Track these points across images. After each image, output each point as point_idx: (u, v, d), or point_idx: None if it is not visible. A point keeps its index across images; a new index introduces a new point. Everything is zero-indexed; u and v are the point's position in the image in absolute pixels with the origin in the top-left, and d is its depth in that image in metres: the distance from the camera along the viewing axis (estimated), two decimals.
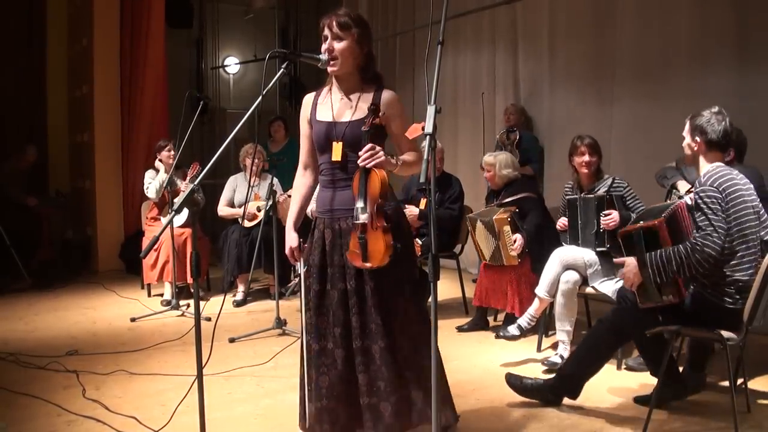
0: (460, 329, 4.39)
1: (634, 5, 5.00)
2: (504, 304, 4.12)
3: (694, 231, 2.64)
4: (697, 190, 2.66)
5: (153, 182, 5.31)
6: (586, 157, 3.66)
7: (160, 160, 5.41)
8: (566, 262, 3.65)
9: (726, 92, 4.31)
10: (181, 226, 5.25)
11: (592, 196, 3.66)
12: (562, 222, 3.89)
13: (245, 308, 5.10)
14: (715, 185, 2.61)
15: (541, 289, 3.69)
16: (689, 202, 2.81)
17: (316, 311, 2.38)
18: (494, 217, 4.03)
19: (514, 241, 3.98)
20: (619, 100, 5.17)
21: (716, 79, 4.46)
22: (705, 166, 2.73)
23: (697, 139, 2.71)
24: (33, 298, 5.37)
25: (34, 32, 7.10)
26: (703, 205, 2.60)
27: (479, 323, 4.41)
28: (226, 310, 4.91)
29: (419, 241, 4.42)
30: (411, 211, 4.66)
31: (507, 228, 3.99)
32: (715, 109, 2.73)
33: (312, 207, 5.21)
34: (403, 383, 2.33)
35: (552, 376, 3.13)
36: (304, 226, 2.46)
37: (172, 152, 5.27)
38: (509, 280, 4.08)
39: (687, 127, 2.77)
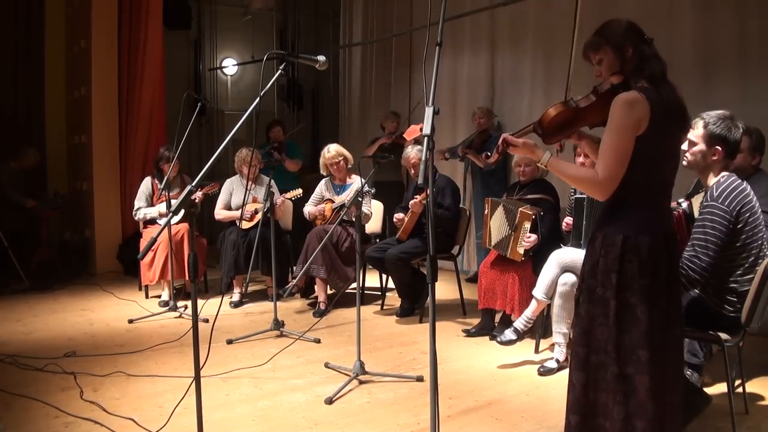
0: (468, 333, 4.32)
1: (636, 11, 5.00)
2: (503, 304, 4.10)
3: (687, 248, 2.54)
4: (706, 204, 2.52)
5: (143, 209, 5.40)
6: (581, 158, 3.67)
7: (162, 169, 5.39)
8: (564, 264, 3.64)
9: (729, 100, 4.29)
10: (179, 222, 5.25)
11: None
12: (567, 221, 3.89)
13: (243, 310, 5.10)
14: (726, 203, 2.48)
15: (539, 291, 3.68)
16: (687, 211, 2.80)
17: None
18: (520, 209, 4.00)
19: (528, 237, 3.94)
20: None
21: (719, 86, 4.45)
22: (714, 176, 2.57)
23: (718, 147, 2.52)
24: (31, 299, 5.36)
25: (33, 34, 7.08)
26: (708, 222, 2.49)
27: (486, 327, 4.31)
28: (224, 312, 4.91)
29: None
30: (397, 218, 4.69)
31: (527, 225, 3.95)
32: (725, 113, 2.57)
33: (309, 209, 5.24)
34: None
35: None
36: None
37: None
38: (511, 281, 4.05)
39: (699, 133, 2.56)
